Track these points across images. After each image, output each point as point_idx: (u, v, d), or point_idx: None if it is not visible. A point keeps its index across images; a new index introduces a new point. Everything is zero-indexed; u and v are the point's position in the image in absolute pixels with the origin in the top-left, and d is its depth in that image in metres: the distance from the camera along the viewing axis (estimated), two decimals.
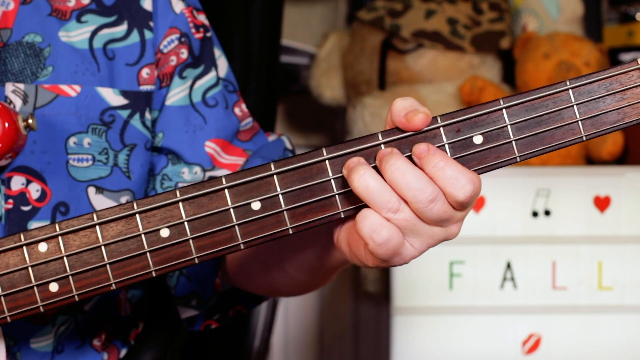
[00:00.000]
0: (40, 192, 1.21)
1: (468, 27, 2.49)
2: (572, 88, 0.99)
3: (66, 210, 1.22)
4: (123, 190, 1.26)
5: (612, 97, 0.99)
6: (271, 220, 1.00)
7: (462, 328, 2.14)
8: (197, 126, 1.30)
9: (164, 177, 1.30)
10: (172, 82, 1.29)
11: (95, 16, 1.25)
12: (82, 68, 1.23)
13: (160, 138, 1.30)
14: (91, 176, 1.24)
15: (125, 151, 1.26)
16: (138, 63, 1.26)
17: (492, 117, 1.00)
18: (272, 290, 1.28)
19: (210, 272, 1.31)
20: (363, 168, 0.96)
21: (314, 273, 1.19)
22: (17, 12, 1.20)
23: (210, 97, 1.31)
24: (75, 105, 1.22)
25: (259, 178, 1.00)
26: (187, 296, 1.31)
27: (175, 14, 1.29)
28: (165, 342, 1.44)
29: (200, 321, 1.34)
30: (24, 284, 1.01)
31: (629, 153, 2.35)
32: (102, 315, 1.32)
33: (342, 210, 1.00)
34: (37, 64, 1.20)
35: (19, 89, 1.19)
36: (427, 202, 0.96)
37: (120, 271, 1.01)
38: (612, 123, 0.99)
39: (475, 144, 1.00)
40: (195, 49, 1.31)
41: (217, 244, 1.00)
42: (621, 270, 2.13)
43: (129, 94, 1.25)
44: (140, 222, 1.00)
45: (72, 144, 1.22)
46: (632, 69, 0.99)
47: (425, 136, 0.99)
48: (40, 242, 1.01)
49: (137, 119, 1.26)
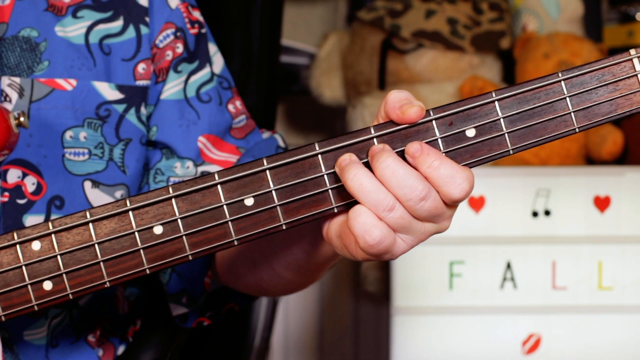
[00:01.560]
0: (36, 186, 1.21)
1: (468, 27, 2.49)
2: (565, 79, 0.99)
3: (61, 204, 1.22)
4: (118, 184, 1.26)
5: (605, 89, 0.99)
6: (264, 216, 1.00)
7: (462, 328, 2.14)
8: (190, 121, 1.30)
9: (157, 171, 1.30)
10: (167, 77, 1.30)
11: (91, 12, 1.25)
12: (78, 63, 1.23)
13: (155, 132, 1.30)
14: (87, 170, 1.24)
15: (120, 146, 1.26)
16: (134, 58, 1.27)
17: (484, 109, 0.99)
18: (261, 289, 1.28)
19: (200, 272, 1.31)
20: (356, 166, 0.96)
21: (302, 270, 1.19)
22: (13, 7, 1.21)
23: (204, 93, 1.32)
24: (71, 99, 1.22)
25: (252, 173, 0.99)
26: (178, 293, 1.32)
27: (171, 9, 1.30)
28: (166, 341, 1.44)
29: (192, 318, 1.35)
30: (17, 283, 1.01)
31: (629, 153, 2.35)
32: (98, 311, 1.32)
33: (336, 206, 1.00)
34: (33, 58, 1.21)
35: (15, 82, 1.20)
36: (417, 200, 0.96)
37: (114, 269, 1.01)
38: (604, 114, 0.99)
39: (468, 137, 0.99)
40: (190, 44, 1.31)
41: (211, 240, 1.00)
42: (621, 270, 2.13)
43: (125, 88, 1.25)
44: (134, 219, 1.00)
45: (69, 138, 1.22)
46: (624, 60, 0.99)
47: (418, 130, 0.99)
48: (33, 240, 1.00)
49: (133, 114, 1.26)
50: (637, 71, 0.98)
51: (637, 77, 0.98)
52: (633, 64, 0.99)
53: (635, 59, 0.98)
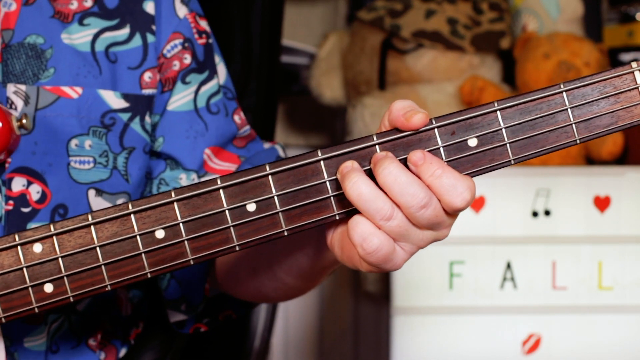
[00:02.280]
0: (41, 194, 1.20)
1: (468, 27, 2.49)
2: (566, 91, 0.99)
3: (65, 213, 1.22)
4: (120, 192, 1.26)
5: (606, 101, 0.99)
6: (266, 222, 1.00)
7: (462, 328, 2.14)
8: (198, 132, 1.30)
9: (161, 181, 1.30)
10: (174, 88, 1.29)
11: (97, 19, 1.25)
12: (84, 71, 1.23)
13: (161, 142, 1.30)
14: (92, 178, 1.24)
15: (124, 154, 1.26)
16: (140, 67, 1.26)
17: (486, 119, 1.00)
18: (261, 295, 1.28)
19: (199, 278, 1.30)
20: (356, 174, 0.96)
21: (304, 275, 1.19)
22: (19, 14, 1.20)
23: (214, 104, 1.31)
24: (76, 107, 1.22)
25: (254, 178, 1.00)
26: (177, 300, 1.31)
27: (179, 19, 1.29)
28: (166, 342, 1.44)
29: (189, 325, 1.34)
30: (18, 285, 1.01)
31: (629, 153, 2.35)
32: (98, 314, 1.32)
33: (337, 213, 1.00)
34: (39, 65, 1.20)
35: (21, 90, 1.19)
36: (418, 208, 0.96)
37: (115, 272, 1.01)
38: (605, 126, 0.99)
39: (470, 146, 1.00)
40: (199, 54, 1.30)
41: (213, 245, 1.00)
42: (621, 270, 2.13)
43: (130, 97, 1.25)
44: (135, 222, 1.00)
45: (74, 146, 1.22)
46: (625, 72, 0.99)
47: (420, 138, 0.99)
48: (35, 242, 1.00)
49: (137, 123, 1.26)
50: (638, 84, 0.99)
51: (638, 90, 0.99)
52: (634, 77, 0.99)
53: (636, 71, 0.99)
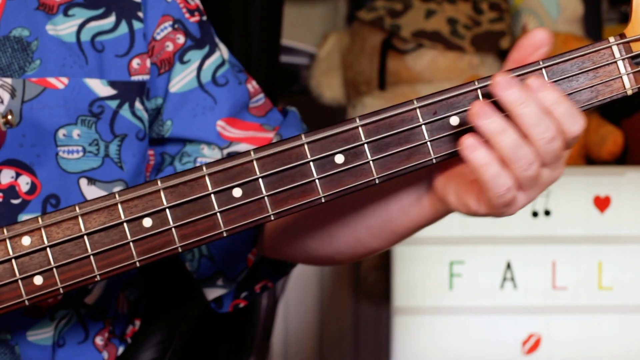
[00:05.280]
0: (30, 185, 1.21)
1: (468, 27, 2.49)
2: (545, 67, 0.99)
3: (57, 203, 1.22)
4: (116, 180, 1.26)
5: (585, 76, 0.99)
6: (253, 207, 1.00)
7: (462, 328, 2.14)
8: (206, 107, 1.29)
9: (182, 154, 1.30)
10: (173, 69, 1.29)
11: (82, 9, 1.25)
12: (70, 61, 1.23)
13: (169, 126, 1.29)
14: (82, 167, 1.24)
15: (116, 142, 1.26)
16: (128, 54, 1.26)
17: (467, 97, 1.00)
18: (324, 258, 1.26)
19: (243, 249, 1.30)
20: (492, 113, 0.96)
21: (388, 232, 1.17)
22: (5, 7, 1.21)
23: (220, 76, 1.31)
24: (63, 97, 1.22)
25: (239, 164, 1.00)
26: (211, 277, 1.31)
27: (167, 2, 1.29)
28: (165, 340, 1.44)
29: (228, 301, 1.34)
30: (8, 278, 1.01)
31: (629, 153, 2.35)
32: (104, 310, 1.32)
33: (323, 196, 1.01)
34: (25, 58, 1.21)
35: (7, 83, 1.19)
36: (549, 140, 0.96)
37: (104, 262, 1.01)
38: (585, 101, 1.00)
39: (452, 125, 1.00)
40: (194, 31, 1.30)
41: (200, 232, 1.00)
42: (621, 270, 2.13)
43: (118, 84, 1.25)
44: (123, 212, 1.00)
45: (62, 136, 1.22)
46: (603, 47, 0.99)
47: (402, 119, 1.00)
48: (23, 235, 1.01)
49: (127, 109, 1.26)
50: (616, 58, 0.99)
51: (616, 64, 0.99)
52: (612, 51, 0.99)
53: (614, 46, 0.99)
